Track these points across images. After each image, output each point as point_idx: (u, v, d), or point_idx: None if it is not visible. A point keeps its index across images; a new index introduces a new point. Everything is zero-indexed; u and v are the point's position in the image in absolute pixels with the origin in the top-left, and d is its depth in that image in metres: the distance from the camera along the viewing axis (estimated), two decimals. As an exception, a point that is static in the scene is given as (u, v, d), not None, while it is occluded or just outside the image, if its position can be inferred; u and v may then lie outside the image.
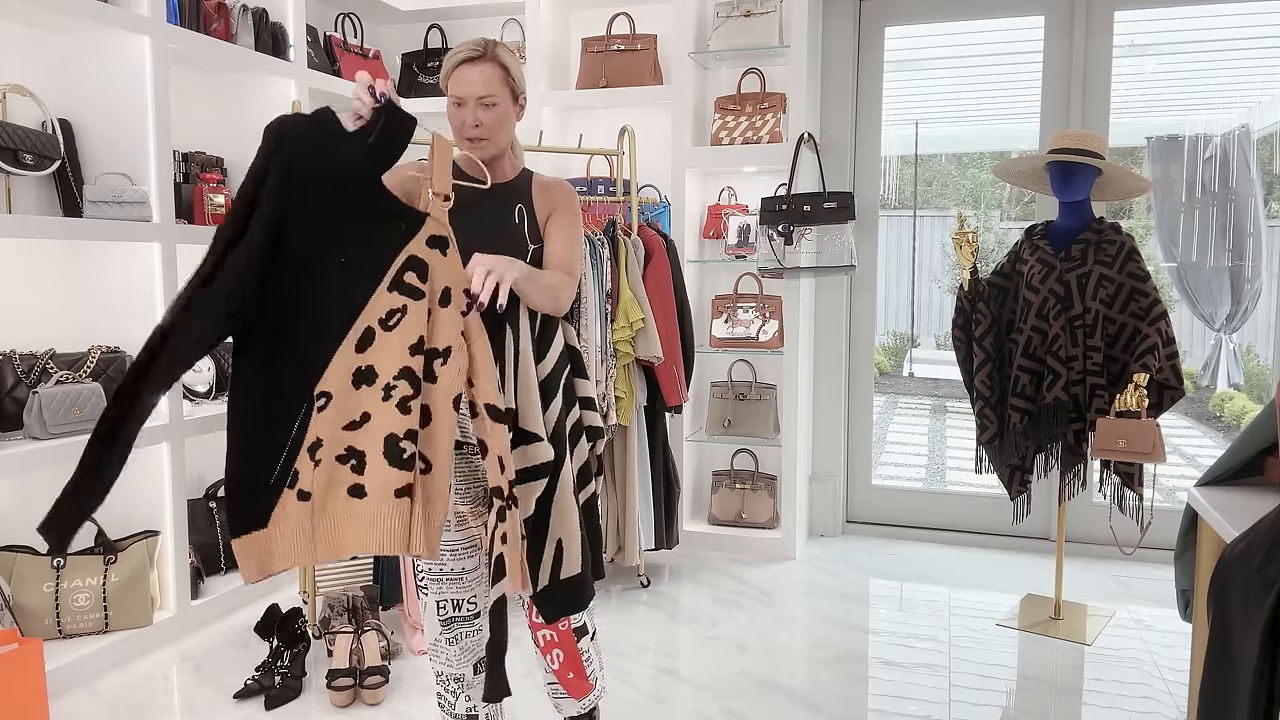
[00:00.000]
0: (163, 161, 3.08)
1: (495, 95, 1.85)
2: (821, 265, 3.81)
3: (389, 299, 1.58)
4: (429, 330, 1.59)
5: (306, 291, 1.58)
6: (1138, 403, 2.86)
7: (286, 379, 1.57)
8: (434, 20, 4.55)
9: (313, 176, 1.58)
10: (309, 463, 1.56)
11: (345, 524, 1.55)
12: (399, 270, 1.59)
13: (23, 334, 2.99)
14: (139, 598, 2.98)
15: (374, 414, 1.56)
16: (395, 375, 1.56)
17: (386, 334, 1.57)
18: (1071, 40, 3.94)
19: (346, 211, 1.59)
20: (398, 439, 1.54)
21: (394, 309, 1.58)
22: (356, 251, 1.59)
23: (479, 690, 2.00)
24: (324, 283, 1.58)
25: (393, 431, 1.54)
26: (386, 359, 1.56)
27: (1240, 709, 1.25)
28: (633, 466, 3.51)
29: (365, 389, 1.56)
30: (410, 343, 1.57)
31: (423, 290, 1.59)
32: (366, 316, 1.58)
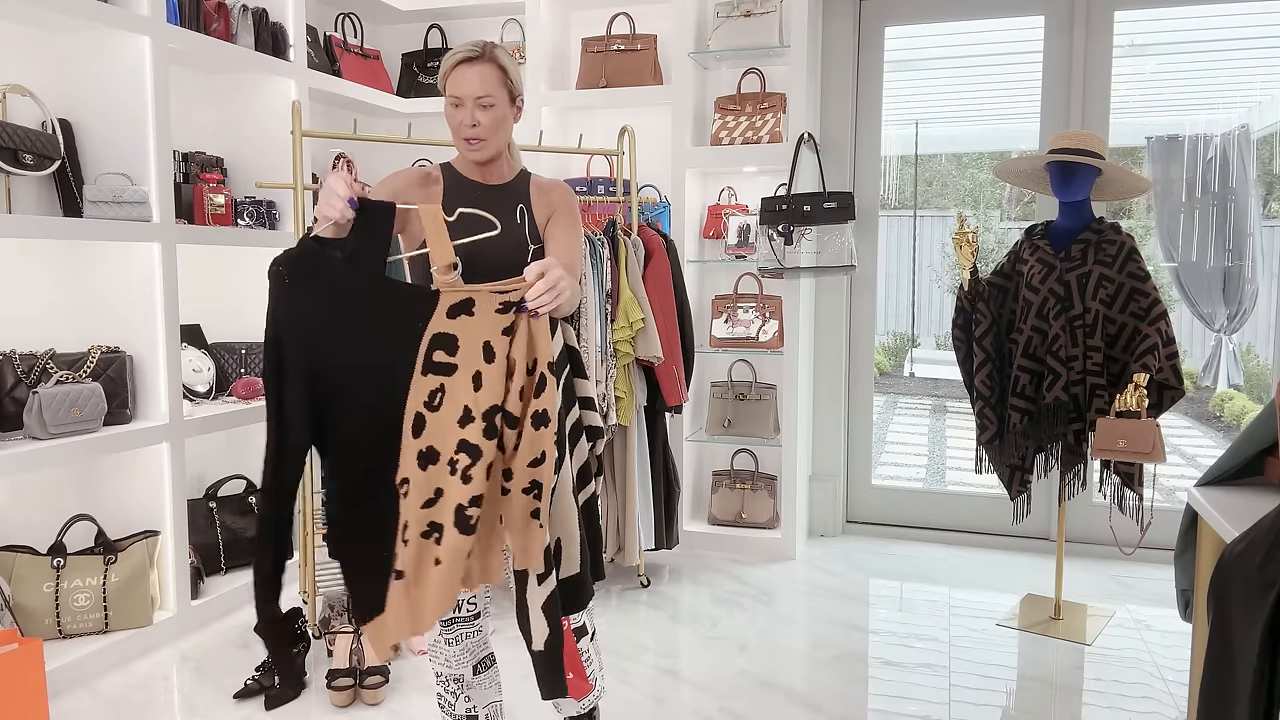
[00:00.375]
0: (163, 161, 3.08)
1: (493, 96, 1.86)
2: (821, 265, 3.81)
3: (426, 383, 1.66)
4: (482, 392, 1.65)
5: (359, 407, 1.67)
6: (1138, 403, 2.86)
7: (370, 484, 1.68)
8: (434, 20, 4.55)
9: (319, 306, 1.66)
10: (401, 545, 1.66)
11: (428, 593, 1.66)
12: (427, 352, 1.66)
13: (23, 334, 2.99)
14: (139, 598, 2.98)
15: (445, 489, 1.66)
16: (455, 450, 1.65)
17: (435, 414, 1.66)
18: (1071, 40, 3.94)
19: (359, 320, 1.66)
20: (464, 508, 1.64)
21: (433, 390, 1.66)
22: (382, 351, 1.67)
23: (479, 691, 2.00)
24: (366, 390, 1.67)
25: (460, 502, 1.64)
26: (442, 437, 1.66)
27: (1240, 709, 1.25)
28: (633, 466, 3.51)
29: (432, 469, 1.66)
30: (457, 417, 1.66)
31: (454, 364, 1.66)
32: (412, 404, 1.67)
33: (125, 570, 2.95)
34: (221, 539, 3.48)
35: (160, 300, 3.08)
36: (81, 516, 2.95)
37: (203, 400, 3.43)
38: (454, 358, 1.66)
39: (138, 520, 3.13)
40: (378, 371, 1.67)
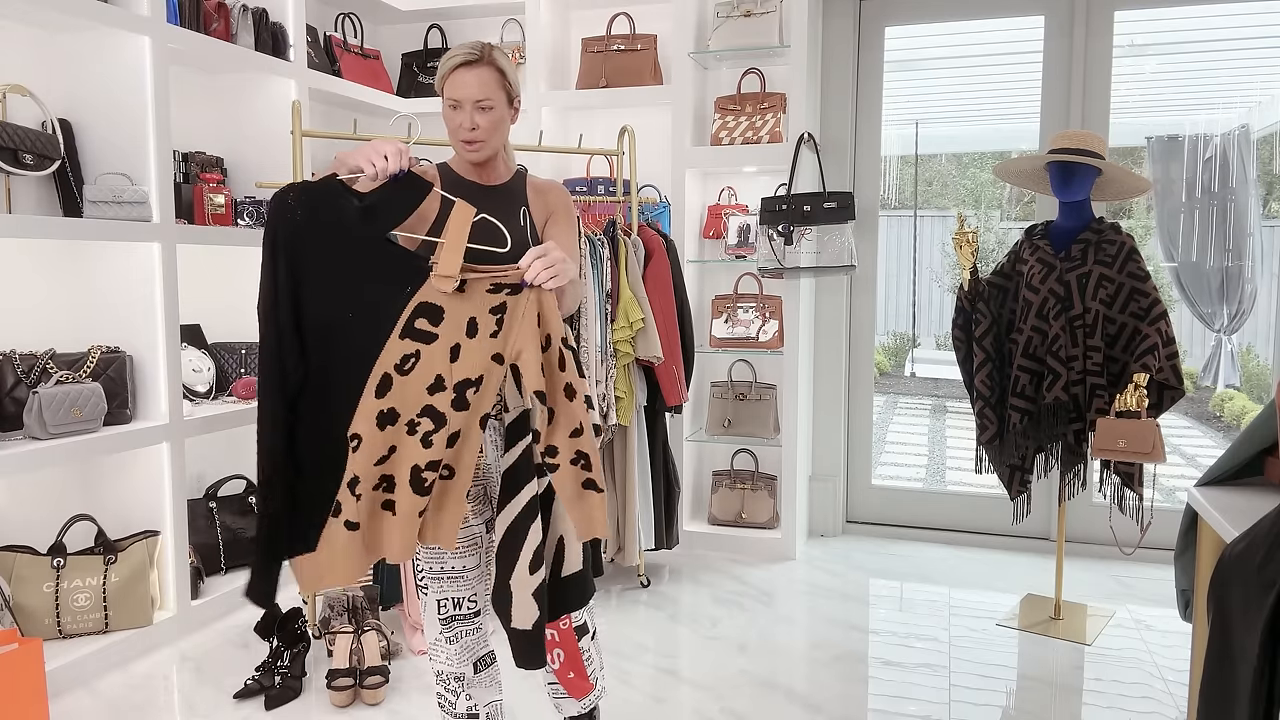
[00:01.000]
0: (163, 161, 3.08)
1: (492, 99, 1.86)
2: (821, 265, 3.81)
3: (400, 346, 1.71)
4: (459, 364, 1.72)
5: (328, 350, 1.72)
6: (1138, 403, 2.86)
7: (322, 427, 1.73)
8: (434, 20, 4.55)
9: (319, 243, 1.69)
10: (350, 497, 1.73)
11: (384, 537, 1.76)
12: (410, 318, 1.71)
13: (23, 334, 2.99)
14: (139, 598, 2.98)
15: (399, 446, 1.73)
16: (417, 414, 1.72)
17: (403, 378, 1.71)
18: (1071, 40, 3.94)
19: (354, 270, 1.71)
20: (420, 469, 1.71)
21: (407, 354, 1.71)
22: (367, 306, 1.71)
23: (479, 689, 2.00)
24: (341, 339, 1.72)
25: (416, 463, 1.71)
26: (406, 400, 1.72)
27: (1240, 709, 1.25)
28: (633, 466, 3.51)
29: (389, 429, 1.72)
30: (428, 383, 1.72)
31: (435, 334, 1.71)
32: (382, 364, 1.71)
33: (125, 570, 2.95)
34: (221, 539, 3.48)
35: (160, 300, 3.08)
36: (81, 516, 2.95)
37: (203, 400, 3.43)
38: (436, 328, 1.72)
39: (138, 520, 3.13)
40: (357, 326, 1.71)
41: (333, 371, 1.72)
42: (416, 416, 1.72)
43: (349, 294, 1.71)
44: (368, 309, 1.71)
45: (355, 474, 1.72)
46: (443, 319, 1.72)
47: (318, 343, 1.71)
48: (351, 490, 1.73)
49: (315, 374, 1.72)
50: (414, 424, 1.72)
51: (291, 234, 1.68)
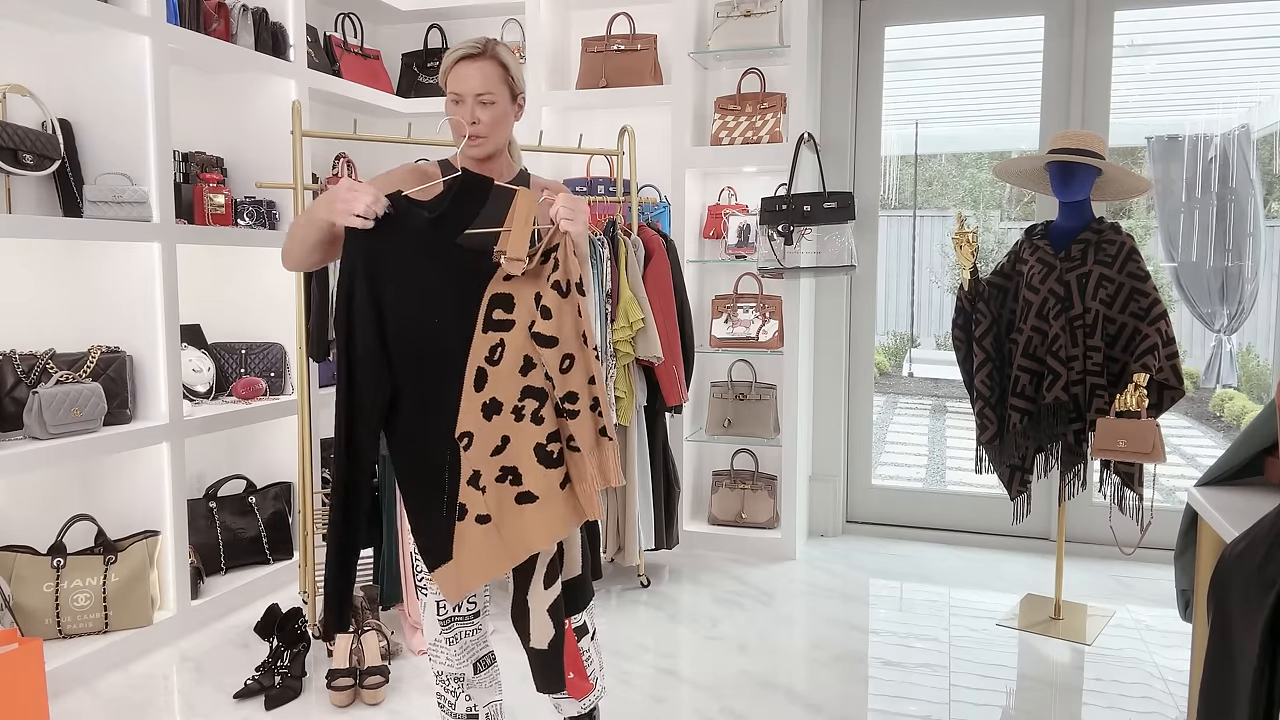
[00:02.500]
0: (163, 161, 3.08)
1: (494, 93, 1.86)
2: (821, 265, 3.81)
3: (486, 340, 1.78)
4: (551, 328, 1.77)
5: (420, 360, 1.79)
6: (1138, 403, 2.86)
7: (430, 436, 1.79)
8: (434, 20, 4.55)
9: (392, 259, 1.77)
10: (475, 492, 1.78)
11: (527, 529, 1.78)
12: (487, 311, 1.78)
13: (23, 334, 2.99)
14: (139, 598, 2.98)
15: (512, 435, 1.78)
16: (518, 399, 1.78)
17: (496, 368, 1.78)
18: (1071, 40, 3.94)
19: (430, 279, 1.78)
20: (544, 445, 1.77)
21: (494, 345, 1.78)
22: (447, 309, 1.78)
23: (479, 690, 2.00)
24: (429, 346, 1.78)
25: (537, 442, 1.77)
26: (504, 389, 1.78)
27: (1240, 709, 1.25)
28: (633, 466, 3.51)
29: (496, 419, 1.78)
30: (518, 367, 1.78)
31: (512, 320, 1.78)
32: (474, 360, 1.78)
33: (125, 570, 2.95)
34: (221, 539, 3.48)
35: (160, 300, 3.08)
36: (81, 516, 2.95)
37: (203, 400, 3.43)
38: (511, 314, 1.78)
39: (138, 520, 3.13)
40: (443, 330, 1.78)
41: (428, 379, 1.78)
42: (519, 401, 1.77)
43: (429, 299, 1.77)
44: (450, 310, 1.78)
45: (475, 469, 1.77)
46: (515, 305, 1.78)
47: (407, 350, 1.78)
48: (475, 485, 1.77)
49: (411, 385, 1.78)
50: (519, 409, 1.77)
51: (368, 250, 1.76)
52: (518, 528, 1.78)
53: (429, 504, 1.80)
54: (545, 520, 1.77)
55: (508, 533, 1.79)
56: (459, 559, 1.78)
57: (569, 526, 1.79)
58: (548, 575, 1.81)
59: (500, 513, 1.78)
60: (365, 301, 1.75)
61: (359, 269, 1.75)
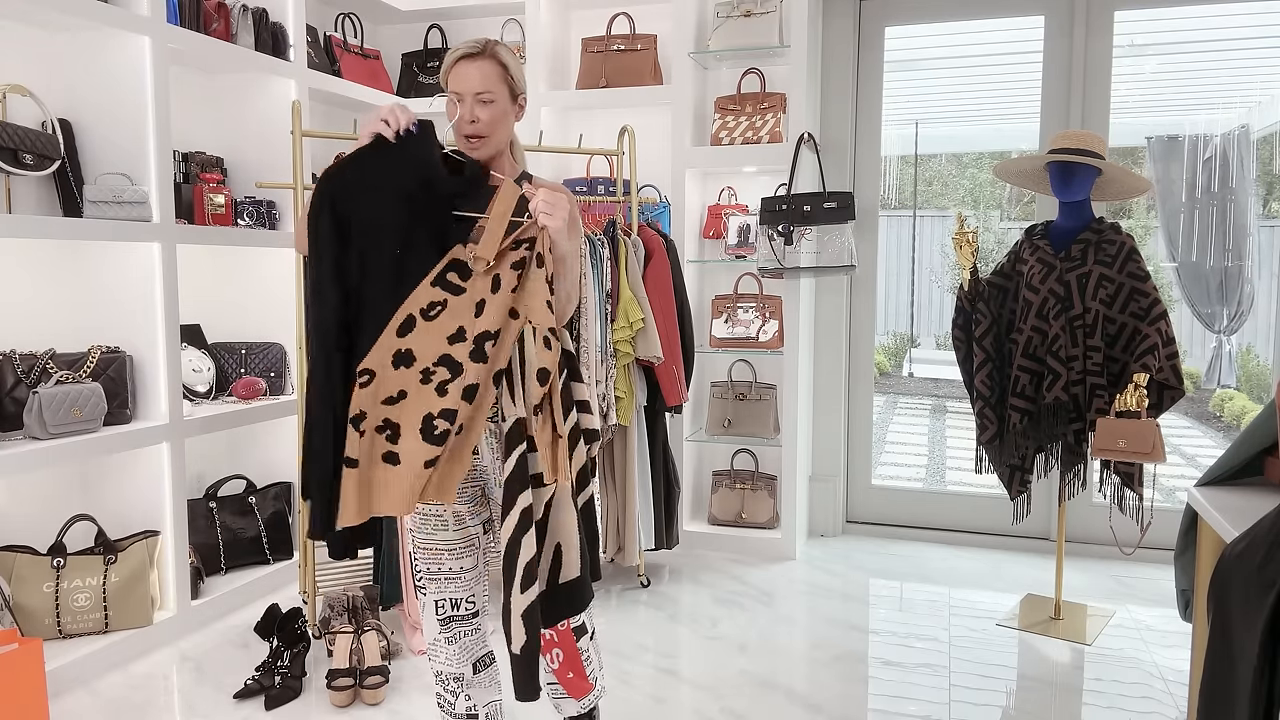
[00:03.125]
0: (163, 161, 3.08)
1: (493, 92, 1.86)
2: (821, 265, 3.81)
3: (430, 292, 1.76)
4: (482, 319, 1.75)
5: (364, 280, 1.77)
6: (1138, 403, 2.86)
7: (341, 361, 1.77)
8: (434, 20, 4.55)
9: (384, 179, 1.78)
10: (354, 433, 1.74)
11: (380, 488, 1.74)
12: (443, 269, 1.77)
13: (23, 334, 2.99)
14: (139, 598, 2.98)
15: (410, 393, 1.74)
16: (434, 362, 1.74)
17: (426, 323, 1.75)
18: (1071, 40, 3.94)
19: (413, 216, 1.78)
20: (433, 417, 1.72)
21: (435, 301, 1.76)
22: (411, 250, 1.77)
23: (479, 689, 2.00)
24: (379, 274, 1.77)
25: (429, 411, 1.72)
26: (425, 346, 1.75)
27: (1240, 709, 1.25)
28: (633, 466, 3.51)
29: (403, 370, 1.74)
30: (449, 333, 1.75)
31: (463, 288, 1.77)
32: (409, 306, 1.75)
33: (125, 570, 2.95)
34: (221, 539, 3.48)
35: (160, 300, 3.08)
36: (81, 516, 2.95)
37: (203, 400, 3.43)
38: (465, 282, 1.77)
39: (138, 520, 3.13)
40: (396, 261, 1.77)
41: (363, 302, 1.76)
42: (433, 365, 1.74)
43: (402, 234, 1.77)
44: (411, 250, 1.77)
45: (361, 409, 1.73)
46: (471, 274, 1.78)
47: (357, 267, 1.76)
48: (355, 426, 1.73)
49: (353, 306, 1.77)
50: (429, 372, 1.74)
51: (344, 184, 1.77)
52: (373, 484, 1.74)
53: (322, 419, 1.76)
54: (397, 488, 1.72)
55: (363, 484, 1.74)
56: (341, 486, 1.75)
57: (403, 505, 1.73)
58: (524, 578, 1.76)
59: (368, 463, 1.74)
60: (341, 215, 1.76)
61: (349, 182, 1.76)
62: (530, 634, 1.77)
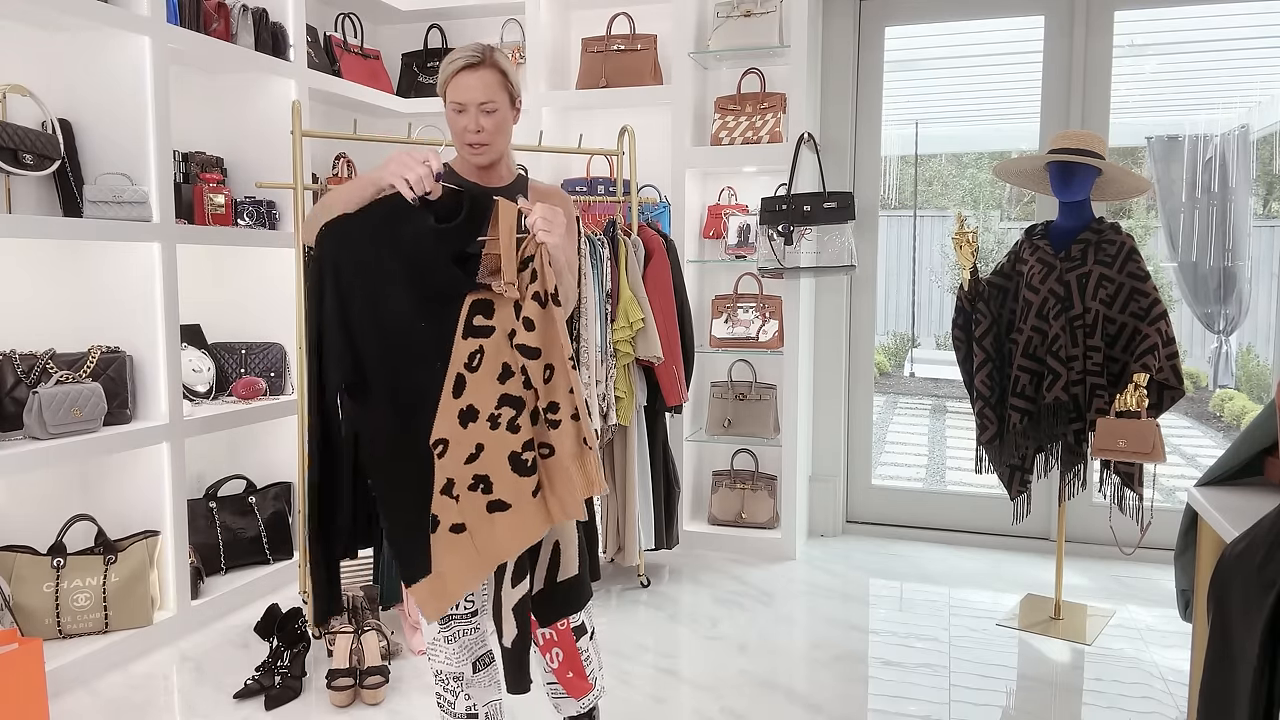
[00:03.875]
0: (163, 161, 3.08)
1: (495, 100, 1.87)
2: (821, 265, 3.81)
3: (466, 345, 1.78)
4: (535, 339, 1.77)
5: (401, 362, 1.77)
6: (1138, 403, 2.86)
7: (404, 444, 1.77)
8: (434, 20, 4.55)
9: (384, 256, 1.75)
10: (449, 501, 1.76)
11: (500, 534, 1.77)
12: (468, 317, 1.78)
13: (23, 334, 2.99)
14: (139, 598, 2.98)
15: (486, 443, 1.77)
16: (495, 406, 1.77)
17: (474, 375, 1.77)
18: (1071, 40, 3.94)
19: (420, 279, 1.77)
20: (519, 454, 1.76)
21: (473, 352, 1.78)
22: (432, 312, 1.77)
23: (478, 689, 2.00)
24: (412, 350, 1.77)
25: (513, 450, 1.76)
26: (481, 396, 1.77)
27: (1240, 709, 1.25)
28: (633, 466, 3.51)
29: (472, 426, 1.77)
30: (496, 374, 1.78)
31: (492, 326, 1.78)
32: (454, 366, 1.77)
33: (125, 570, 2.95)
34: (221, 539, 3.48)
35: (160, 300, 3.08)
36: (81, 516, 2.95)
37: (203, 400, 3.43)
38: (491, 320, 1.78)
39: (138, 520, 3.13)
40: (425, 332, 1.77)
41: (408, 384, 1.76)
42: (495, 409, 1.76)
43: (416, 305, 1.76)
44: (435, 313, 1.77)
45: (449, 478, 1.76)
46: (494, 311, 1.78)
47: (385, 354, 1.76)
48: (449, 494, 1.76)
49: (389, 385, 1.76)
50: (495, 417, 1.76)
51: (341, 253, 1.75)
52: (490, 536, 1.77)
53: (403, 514, 1.78)
54: (517, 527, 1.76)
55: (481, 541, 1.78)
56: (439, 571, 1.77)
57: (539, 533, 1.78)
58: (515, 574, 1.80)
59: (474, 522, 1.77)
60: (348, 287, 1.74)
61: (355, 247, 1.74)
62: (521, 628, 1.79)
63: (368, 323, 1.75)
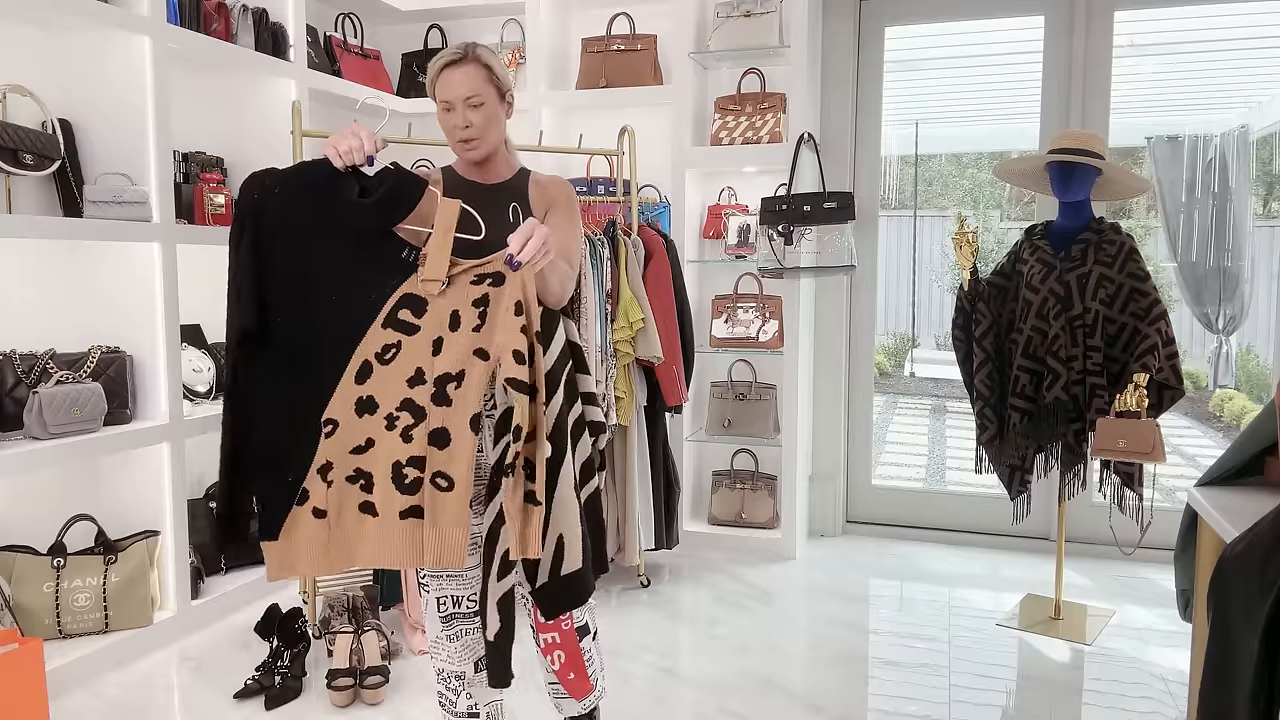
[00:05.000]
0: (163, 161, 3.08)
1: (480, 94, 1.87)
2: (821, 265, 3.81)
3: (383, 335, 1.70)
4: (440, 358, 1.69)
5: (305, 328, 1.71)
6: (1138, 403, 2.86)
7: (295, 409, 1.71)
8: (434, 20, 4.55)
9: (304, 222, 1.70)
10: (321, 483, 1.70)
11: (358, 539, 1.70)
12: (393, 308, 1.70)
13: (23, 334, 2.99)
14: (139, 598, 2.98)
15: (378, 440, 1.69)
16: (396, 406, 1.68)
17: (383, 367, 1.69)
18: (1071, 40, 3.94)
19: (342, 254, 1.71)
20: (401, 465, 1.67)
21: (388, 344, 1.70)
22: (350, 291, 1.71)
23: (480, 688, 2.00)
24: (321, 319, 1.71)
25: (397, 459, 1.67)
26: (386, 390, 1.69)
27: (1240, 709, 1.25)
28: (633, 466, 3.51)
29: (368, 417, 1.69)
30: (407, 375, 1.69)
31: (418, 325, 1.70)
32: (363, 351, 1.70)
33: (125, 570, 2.95)
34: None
35: (160, 300, 3.08)
36: (81, 516, 2.95)
37: (203, 400, 3.43)
38: (419, 319, 1.70)
39: (138, 520, 3.13)
40: (336, 305, 1.70)
41: (308, 351, 1.70)
42: (395, 410, 1.68)
43: (335, 274, 1.70)
44: (353, 292, 1.70)
45: (328, 459, 1.69)
46: (425, 311, 1.70)
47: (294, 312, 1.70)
48: (323, 477, 1.69)
49: (289, 347, 1.70)
50: (393, 418, 1.68)
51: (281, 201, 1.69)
52: (349, 534, 1.70)
53: (275, 469, 1.72)
54: (379, 540, 1.68)
55: (337, 535, 1.71)
56: (286, 543, 1.71)
57: (401, 562, 1.69)
58: (501, 568, 1.74)
59: (339, 513, 1.70)
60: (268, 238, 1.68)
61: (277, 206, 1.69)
62: (505, 622, 1.76)
63: (279, 278, 1.69)
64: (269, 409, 1.72)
